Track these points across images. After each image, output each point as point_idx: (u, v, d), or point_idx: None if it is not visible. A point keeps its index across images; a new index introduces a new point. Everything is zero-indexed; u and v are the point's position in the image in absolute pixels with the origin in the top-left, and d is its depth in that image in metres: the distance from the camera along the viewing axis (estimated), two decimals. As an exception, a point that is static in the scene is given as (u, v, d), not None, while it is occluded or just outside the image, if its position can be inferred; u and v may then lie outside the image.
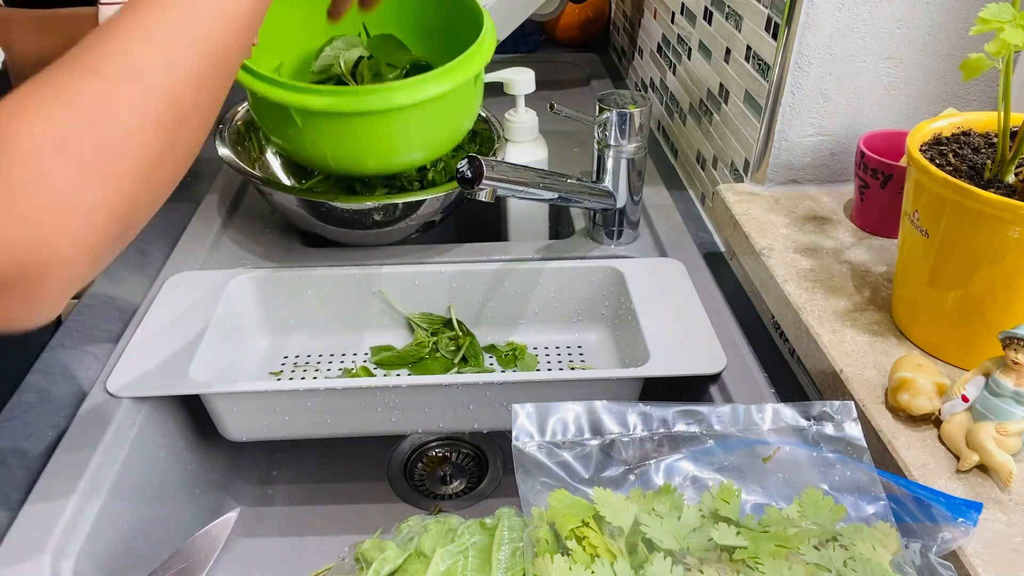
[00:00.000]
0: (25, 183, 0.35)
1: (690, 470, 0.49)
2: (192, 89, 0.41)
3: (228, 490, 0.79)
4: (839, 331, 0.61)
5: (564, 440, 0.49)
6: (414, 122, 0.73)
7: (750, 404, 0.51)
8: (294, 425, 0.68)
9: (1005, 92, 0.51)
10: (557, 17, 1.39)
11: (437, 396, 0.67)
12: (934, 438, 0.52)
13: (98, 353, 0.70)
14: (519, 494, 0.47)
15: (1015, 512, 0.47)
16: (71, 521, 0.55)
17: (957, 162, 0.55)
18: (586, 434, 0.49)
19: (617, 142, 0.79)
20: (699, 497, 0.48)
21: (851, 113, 0.74)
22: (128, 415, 0.64)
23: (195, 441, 0.74)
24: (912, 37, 0.70)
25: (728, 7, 0.84)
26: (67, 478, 0.58)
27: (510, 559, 0.46)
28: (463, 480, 0.82)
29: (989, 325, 0.53)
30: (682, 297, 0.76)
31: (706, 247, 0.87)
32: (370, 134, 0.72)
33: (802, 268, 0.68)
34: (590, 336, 0.85)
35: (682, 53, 1.02)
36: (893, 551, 0.43)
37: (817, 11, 0.68)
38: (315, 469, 0.82)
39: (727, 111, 0.86)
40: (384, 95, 0.69)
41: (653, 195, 0.96)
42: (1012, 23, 0.47)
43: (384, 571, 0.46)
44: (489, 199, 0.68)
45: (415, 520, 0.51)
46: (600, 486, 0.47)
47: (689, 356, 0.69)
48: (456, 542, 0.47)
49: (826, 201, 0.78)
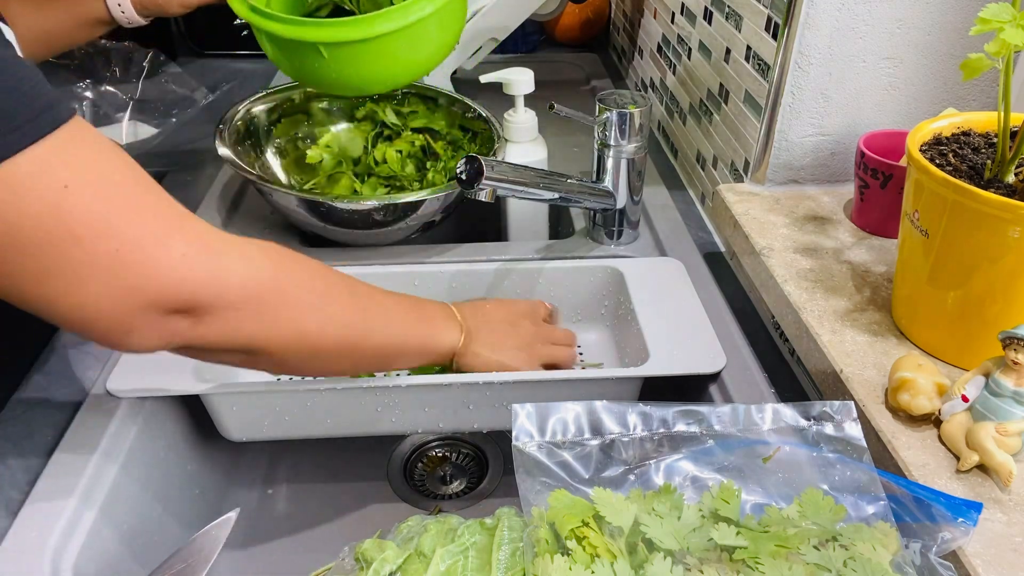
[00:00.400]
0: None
1: (690, 470, 0.49)
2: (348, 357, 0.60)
3: (228, 490, 0.79)
4: (839, 331, 0.61)
5: (564, 440, 0.49)
6: (432, 28, 0.80)
7: (750, 404, 0.51)
8: (294, 425, 0.68)
9: (1005, 92, 0.51)
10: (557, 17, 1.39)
11: (437, 396, 0.67)
12: (934, 438, 0.52)
13: (98, 353, 0.70)
14: (519, 494, 0.47)
15: (1015, 512, 0.47)
16: (71, 521, 0.55)
17: (957, 162, 0.55)
18: (586, 434, 0.49)
19: (617, 142, 0.79)
20: (699, 497, 0.48)
21: (851, 113, 0.74)
22: (128, 415, 0.64)
23: (195, 441, 0.74)
24: (912, 37, 0.70)
25: (728, 7, 0.84)
26: (67, 478, 0.58)
27: (510, 559, 0.46)
28: (463, 480, 0.82)
29: (989, 325, 0.53)
30: (682, 297, 0.76)
31: (706, 247, 0.87)
32: (394, 51, 0.79)
33: (802, 268, 0.68)
34: (590, 336, 0.84)
35: (682, 53, 1.02)
36: (893, 551, 0.43)
37: (817, 11, 0.68)
38: (315, 469, 0.82)
39: (727, 111, 0.86)
40: (402, 12, 0.76)
41: (653, 195, 0.96)
42: (1012, 23, 0.47)
43: (384, 571, 0.46)
44: (489, 199, 0.68)
45: (415, 520, 0.51)
46: (600, 486, 0.46)
47: (689, 355, 0.69)
48: (456, 542, 0.47)
49: (826, 201, 0.78)
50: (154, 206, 0.45)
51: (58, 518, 0.55)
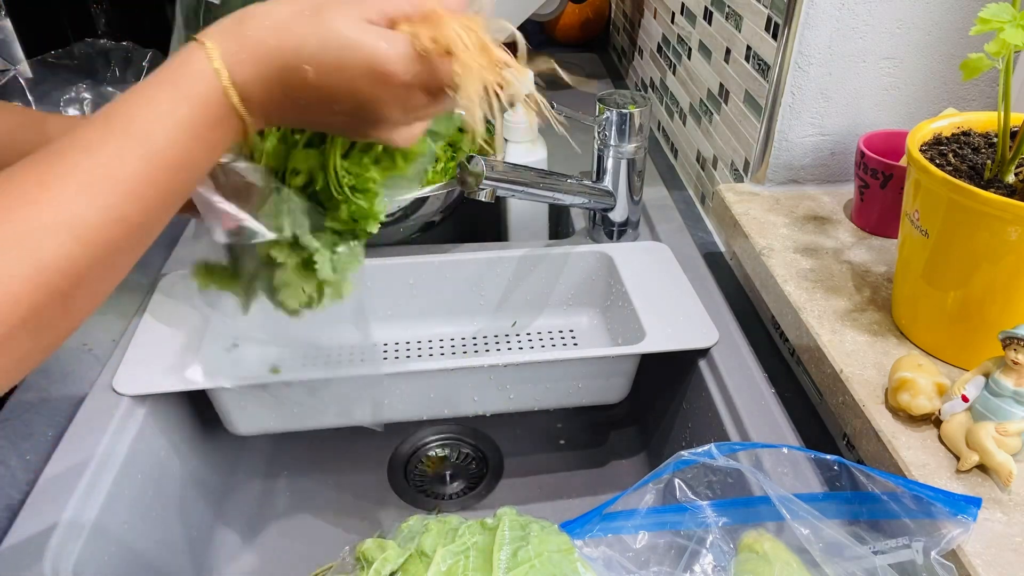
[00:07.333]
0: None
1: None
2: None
3: (228, 490, 0.79)
4: (839, 331, 0.61)
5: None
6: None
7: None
8: (300, 417, 0.68)
9: (1005, 92, 0.51)
10: (557, 17, 1.39)
11: (440, 381, 0.68)
12: (934, 438, 0.52)
13: (99, 353, 0.70)
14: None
15: (1015, 512, 0.47)
16: (72, 521, 0.55)
17: (957, 162, 0.55)
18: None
19: (617, 142, 0.79)
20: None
21: (851, 113, 0.74)
22: (128, 414, 0.64)
23: (195, 441, 0.74)
24: (912, 37, 0.70)
25: (728, 7, 0.84)
26: (67, 478, 0.58)
27: (511, 559, 0.46)
28: (463, 480, 0.82)
29: (989, 325, 0.53)
30: (670, 278, 0.78)
31: (706, 247, 0.87)
32: None
33: (802, 268, 0.68)
34: (581, 319, 0.86)
35: (682, 53, 1.02)
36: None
37: (817, 11, 0.68)
38: (315, 469, 0.82)
39: (727, 111, 0.86)
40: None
41: (653, 195, 0.96)
42: (1012, 23, 0.47)
43: (385, 571, 0.46)
44: (489, 199, 0.68)
45: (416, 520, 0.51)
46: None
47: (683, 332, 0.71)
48: (457, 542, 0.47)
49: (826, 201, 0.78)
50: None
51: (58, 518, 0.55)
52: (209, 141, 0.38)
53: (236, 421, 0.68)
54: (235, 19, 0.39)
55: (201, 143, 0.38)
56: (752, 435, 0.62)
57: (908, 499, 0.47)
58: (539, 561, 0.45)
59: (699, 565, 0.47)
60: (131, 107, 0.37)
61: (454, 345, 0.85)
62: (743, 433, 0.63)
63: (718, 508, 0.50)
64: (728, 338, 0.72)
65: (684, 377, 0.74)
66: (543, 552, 0.46)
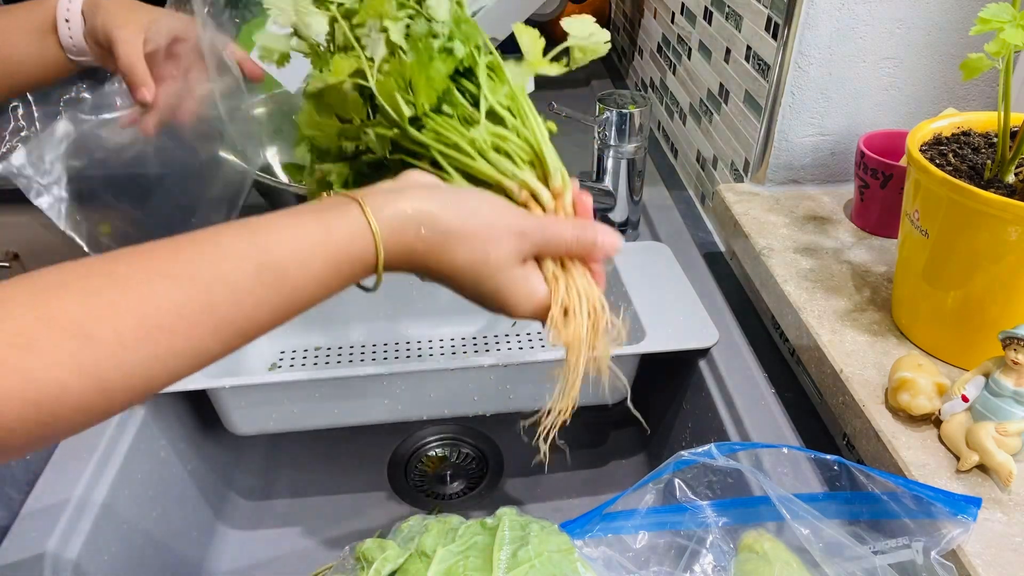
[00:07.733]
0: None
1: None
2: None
3: (228, 490, 0.79)
4: (839, 331, 0.61)
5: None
6: None
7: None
8: (300, 417, 0.68)
9: (1005, 92, 0.51)
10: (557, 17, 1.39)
11: (441, 381, 0.68)
12: (934, 438, 0.52)
13: (98, 353, 0.70)
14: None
15: (1015, 512, 0.47)
16: (71, 521, 0.55)
17: (957, 162, 0.55)
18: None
19: (617, 142, 0.79)
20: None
21: (851, 113, 0.74)
22: (128, 414, 0.64)
23: (195, 441, 0.74)
24: (912, 37, 0.70)
25: (728, 7, 0.84)
26: (67, 478, 0.58)
27: (511, 559, 0.46)
28: (463, 480, 0.82)
29: (989, 325, 0.53)
30: (670, 278, 0.78)
31: (706, 247, 0.87)
32: None
33: (802, 268, 0.68)
34: None
35: (682, 53, 1.02)
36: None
37: (817, 11, 0.68)
38: (315, 469, 0.82)
39: (727, 111, 0.86)
40: None
41: (653, 195, 0.96)
42: (1012, 23, 0.47)
43: (385, 570, 0.46)
44: (489, 199, 0.68)
45: (416, 520, 0.51)
46: None
47: (683, 332, 0.70)
48: (457, 542, 0.47)
49: (826, 201, 0.78)
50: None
51: (58, 518, 0.55)
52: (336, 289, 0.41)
53: (236, 421, 0.68)
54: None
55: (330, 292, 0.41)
56: (752, 435, 0.62)
57: (908, 499, 0.47)
58: (539, 561, 0.45)
59: (699, 565, 0.47)
60: (288, 264, 0.38)
61: (454, 345, 0.85)
62: (743, 433, 0.63)
63: (718, 508, 0.50)
64: (728, 338, 0.72)
65: (684, 377, 0.74)
66: (543, 552, 0.46)
